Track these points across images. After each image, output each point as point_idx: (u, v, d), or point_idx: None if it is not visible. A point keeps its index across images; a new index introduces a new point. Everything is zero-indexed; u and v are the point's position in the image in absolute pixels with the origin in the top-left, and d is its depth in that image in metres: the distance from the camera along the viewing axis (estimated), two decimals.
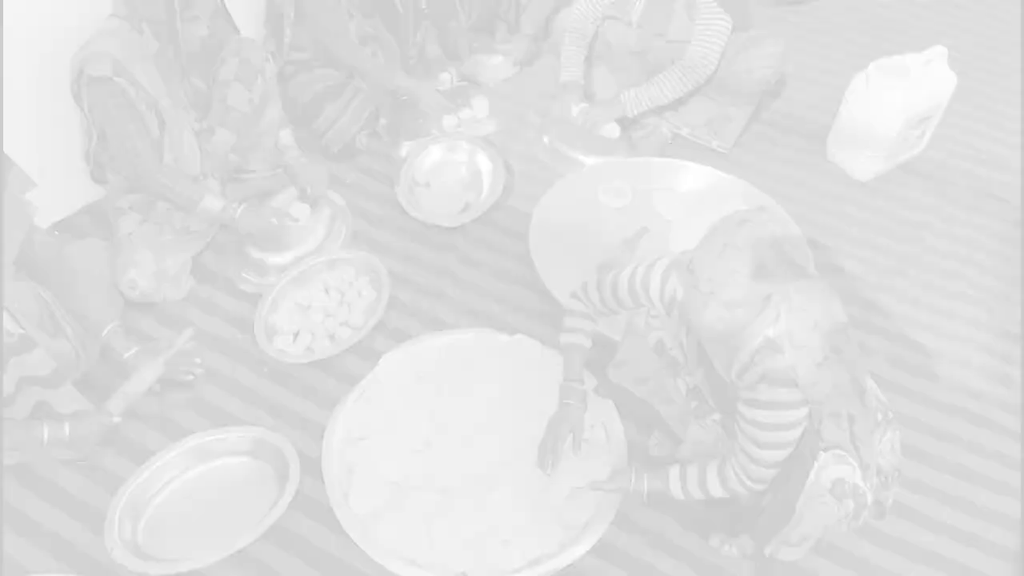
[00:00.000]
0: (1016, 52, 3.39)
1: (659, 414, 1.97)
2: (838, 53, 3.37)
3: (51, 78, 2.32)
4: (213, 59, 2.42)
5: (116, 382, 2.06)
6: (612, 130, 2.86)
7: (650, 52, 2.82)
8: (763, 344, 1.50)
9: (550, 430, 1.88)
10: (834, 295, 1.54)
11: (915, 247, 2.63)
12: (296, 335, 2.33)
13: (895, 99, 2.66)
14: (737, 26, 2.69)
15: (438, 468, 2.03)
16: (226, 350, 2.31)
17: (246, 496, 2.00)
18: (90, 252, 2.29)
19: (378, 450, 2.05)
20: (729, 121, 2.87)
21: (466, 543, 1.90)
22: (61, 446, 1.91)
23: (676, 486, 1.72)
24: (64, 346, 1.98)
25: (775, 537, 1.68)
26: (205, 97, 2.43)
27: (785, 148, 2.97)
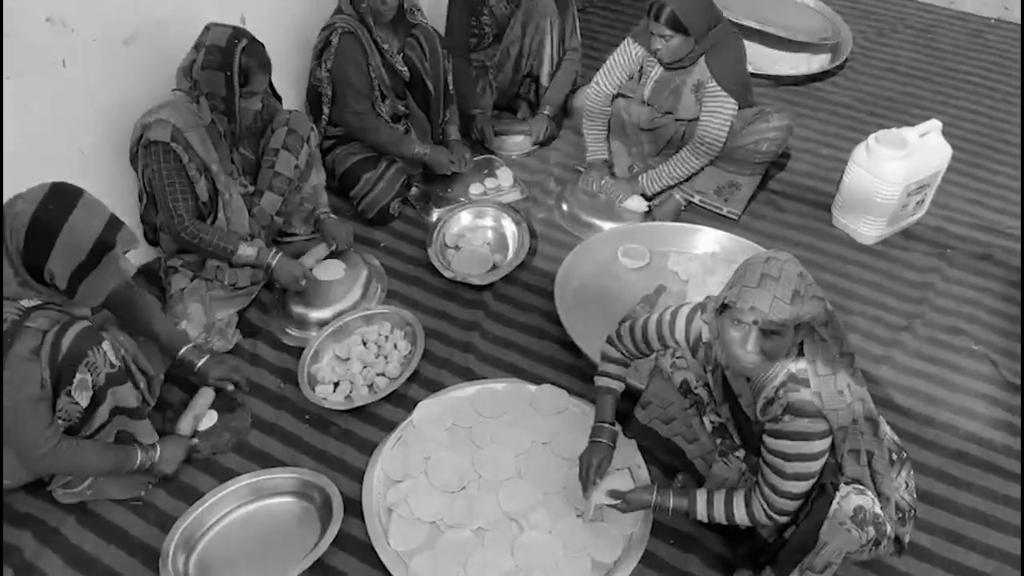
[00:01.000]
0: (1010, 124, 3.61)
1: (684, 453, 2.09)
2: (836, 128, 3.59)
3: (116, 147, 2.54)
4: (262, 130, 2.64)
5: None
6: (639, 204, 3.05)
7: (661, 128, 3.04)
8: (787, 378, 1.64)
9: (581, 462, 1.99)
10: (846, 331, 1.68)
11: (920, 306, 2.77)
12: (336, 384, 2.47)
13: (894, 168, 2.85)
14: (741, 104, 2.90)
15: (472, 509, 2.14)
16: (270, 398, 2.44)
17: (291, 534, 2.11)
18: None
19: (415, 492, 2.16)
20: (737, 189, 3.05)
21: None
22: (147, 469, 2.09)
23: (702, 508, 1.82)
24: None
25: (798, 565, 1.77)
26: (252, 164, 2.64)
27: (792, 214, 3.15)
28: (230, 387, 2.36)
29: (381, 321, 2.64)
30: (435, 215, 3.06)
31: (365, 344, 2.58)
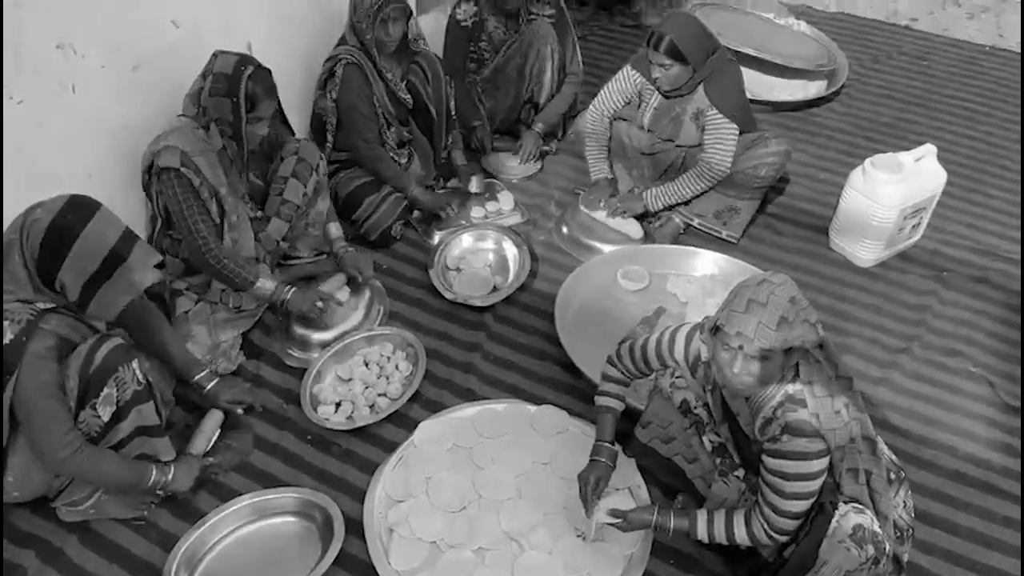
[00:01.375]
0: (1005, 150, 3.65)
1: (684, 473, 2.10)
2: (833, 153, 3.64)
3: (123, 171, 2.58)
4: (270, 156, 2.69)
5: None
6: (636, 231, 3.08)
7: (661, 154, 3.08)
8: (784, 399, 1.66)
9: (580, 480, 2.01)
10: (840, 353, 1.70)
11: (917, 328, 2.80)
12: (338, 405, 2.49)
13: (890, 192, 2.88)
14: (743, 129, 2.95)
15: (473, 529, 2.15)
16: (273, 419, 2.46)
17: (293, 553, 2.12)
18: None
19: (416, 511, 2.17)
20: (736, 213, 3.09)
21: None
22: (161, 487, 2.11)
23: (702, 528, 1.83)
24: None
25: None
26: (261, 190, 2.68)
27: (790, 238, 3.18)
28: (239, 410, 2.38)
29: (383, 342, 2.67)
30: (437, 238, 3.10)
31: (367, 365, 2.60)
